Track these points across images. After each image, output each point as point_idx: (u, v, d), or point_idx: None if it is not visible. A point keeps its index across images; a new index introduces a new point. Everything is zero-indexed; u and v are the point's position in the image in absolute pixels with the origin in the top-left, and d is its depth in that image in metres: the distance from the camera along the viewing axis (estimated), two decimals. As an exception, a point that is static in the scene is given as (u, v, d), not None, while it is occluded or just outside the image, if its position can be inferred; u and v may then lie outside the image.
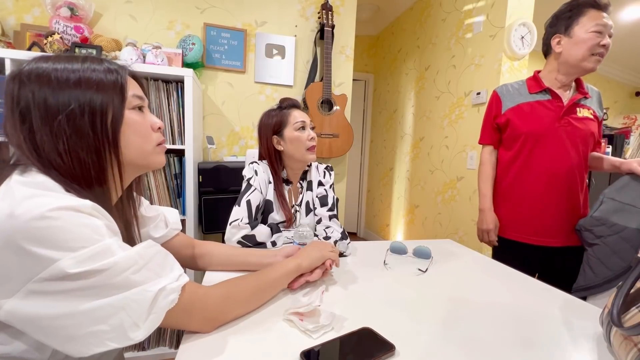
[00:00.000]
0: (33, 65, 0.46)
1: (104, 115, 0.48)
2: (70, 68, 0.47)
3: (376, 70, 3.67)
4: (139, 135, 0.53)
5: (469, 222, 2.12)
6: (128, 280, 0.42)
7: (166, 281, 0.46)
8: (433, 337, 0.54)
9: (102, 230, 0.42)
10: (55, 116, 0.45)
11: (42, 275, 0.37)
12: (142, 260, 0.44)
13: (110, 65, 0.51)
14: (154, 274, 0.45)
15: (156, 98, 1.48)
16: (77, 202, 0.42)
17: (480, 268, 0.92)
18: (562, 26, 1.11)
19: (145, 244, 0.47)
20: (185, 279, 0.50)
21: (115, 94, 0.49)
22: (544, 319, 0.62)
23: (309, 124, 1.05)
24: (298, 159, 1.04)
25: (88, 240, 0.40)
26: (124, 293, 0.41)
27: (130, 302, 0.41)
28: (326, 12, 1.98)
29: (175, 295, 0.46)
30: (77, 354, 0.39)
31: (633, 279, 0.48)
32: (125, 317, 0.40)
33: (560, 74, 1.16)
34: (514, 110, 1.21)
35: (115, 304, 0.40)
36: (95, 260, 0.39)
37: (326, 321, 0.54)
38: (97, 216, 0.43)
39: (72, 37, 1.53)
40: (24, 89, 0.45)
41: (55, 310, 0.38)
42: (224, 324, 0.55)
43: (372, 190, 3.73)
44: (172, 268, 0.49)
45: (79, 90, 0.46)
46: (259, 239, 0.90)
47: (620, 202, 1.02)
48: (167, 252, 0.50)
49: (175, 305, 0.46)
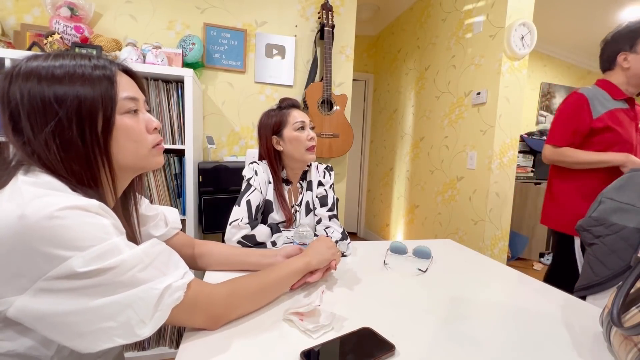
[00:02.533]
0: (23, 63, 0.46)
1: (94, 123, 0.47)
2: (58, 66, 0.46)
3: (376, 70, 3.67)
4: (133, 140, 0.52)
5: (469, 222, 2.12)
6: (135, 278, 0.42)
7: (172, 279, 0.46)
8: (433, 337, 0.54)
9: (110, 229, 0.43)
10: (44, 123, 0.44)
11: (51, 274, 0.38)
12: (147, 259, 0.45)
13: (99, 62, 0.49)
14: (159, 272, 0.46)
15: (156, 98, 1.48)
16: (84, 201, 0.42)
17: (480, 268, 0.92)
18: (625, 44, 1.24)
19: (151, 242, 0.47)
20: (190, 276, 0.50)
21: (105, 99, 0.48)
22: (544, 319, 0.62)
23: (308, 124, 1.05)
24: (297, 159, 1.04)
25: (96, 239, 0.41)
26: (131, 290, 0.42)
27: (137, 300, 0.42)
28: (326, 12, 1.98)
29: (181, 292, 0.47)
30: (85, 349, 0.40)
31: (633, 279, 0.48)
32: (132, 314, 0.41)
33: (631, 86, 1.27)
34: (609, 116, 1.25)
35: (123, 302, 0.41)
36: (103, 258, 0.40)
37: (326, 321, 0.54)
38: (104, 215, 0.44)
39: (72, 37, 1.53)
40: (13, 86, 0.44)
41: (65, 308, 0.38)
42: (228, 322, 0.55)
43: (372, 190, 3.73)
44: (177, 266, 0.50)
45: (67, 91, 0.45)
46: (259, 239, 0.90)
47: (619, 202, 1.02)
48: (172, 250, 0.51)
49: (180, 302, 0.46)
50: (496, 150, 1.94)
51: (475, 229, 2.06)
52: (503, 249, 2.06)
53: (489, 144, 1.97)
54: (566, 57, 3.78)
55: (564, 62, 3.83)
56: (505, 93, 1.92)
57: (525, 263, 2.99)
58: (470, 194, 2.11)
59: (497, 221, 2.01)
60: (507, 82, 1.91)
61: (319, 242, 0.75)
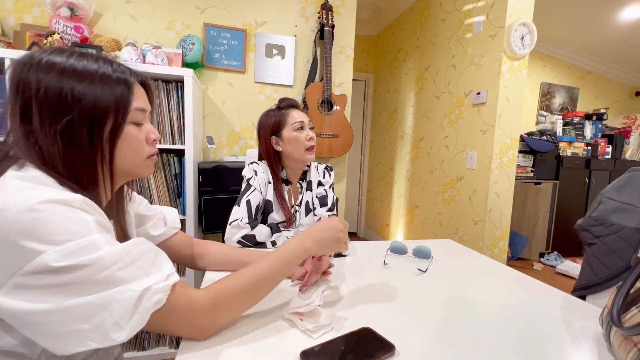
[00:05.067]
0: (45, 55, 0.46)
1: (103, 127, 0.48)
2: (82, 65, 0.46)
3: (376, 70, 3.67)
4: (132, 149, 0.52)
5: (469, 222, 2.12)
6: (112, 277, 0.40)
7: (153, 280, 0.43)
8: (433, 337, 0.54)
9: (91, 225, 0.41)
10: (56, 118, 0.44)
11: (26, 269, 0.36)
12: (128, 257, 0.42)
13: (120, 69, 0.50)
14: (141, 272, 0.43)
15: (156, 98, 1.48)
16: (67, 195, 0.41)
17: (480, 268, 0.92)
18: None
19: (135, 240, 0.45)
20: (174, 278, 0.46)
21: (120, 106, 0.49)
22: (544, 319, 0.62)
23: (307, 124, 1.05)
24: (297, 159, 1.04)
25: (74, 234, 0.39)
26: (107, 291, 0.39)
27: (112, 301, 0.39)
28: (326, 12, 1.98)
29: (161, 295, 0.43)
30: (59, 352, 0.39)
31: (633, 279, 0.48)
32: (107, 316, 0.39)
33: None
34: None
35: (97, 302, 0.39)
36: (79, 254, 0.38)
37: (326, 321, 0.54)
38: (88, 210, 0.42)
39: (72, 37, 1.53)
40: (32, 75, 0.44)
41: (38, 306, 0.37)
42: (220, 330, 0.52)
43: (372, 190, 3.73)
44: (162, 267, 0.46)
45: (85, 90, 0.46)
46: (259, 239, 0.90)
47: (619, 202, 1.02)
48: (160, 250, 0.48)
49: (162, 306, 0.43)
50: (496, 150, 1.94)
51: (475, 229, 2.06)
52: (503, 249, 2.06)
53: (489, 144, 1.97)
54: (566, 57, 3.78)
55: (564, 62, 3.83)
56: (505, 93, 1.92)
57: (525, 263, 2.99)
58: (470, 194, 2.11)
59: (497, 221, 2.01)
60: (507, 82, 1.91)
61: (321, 222, 0.64)
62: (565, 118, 3.43)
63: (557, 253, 3.08)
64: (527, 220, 3.00)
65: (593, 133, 3.45)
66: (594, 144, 3.39)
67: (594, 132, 3.45)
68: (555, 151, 3.12)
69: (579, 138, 3.36)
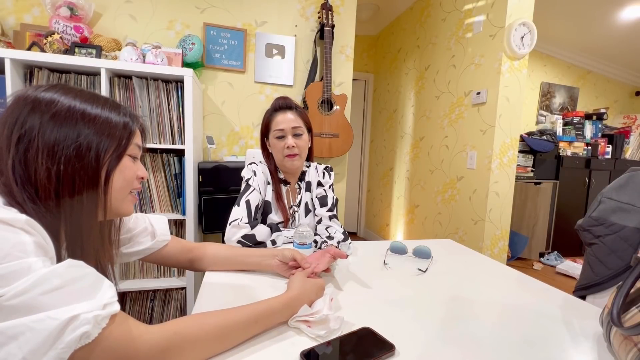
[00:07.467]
0: (51, 94, 0.46)
1: (99, 170, 0.48)
2: (87, 110, 0.47)
3: (376, 70, 3.67)
4: (123, 177, 0.52)
5: (469, 222, 2.12)
6: (33, 301, 0.33)
7: (84, 308, 0.35)
8: (433, 337, 0.54)
9: (28, 247, 0.36)
10: (53, 156, 0.44)
11: None
12: (57, 280, 0.35)
13: (125, 119, 0.52)
14: (71, 298, 0.35)
15: (156, 98, 1.48)
16: (8, 215, 0.37)
17: (480, 268, 0.92)
18: None
19: (70, 261, 0.38)
20: (113, 308, 0.38)
21: (117, 152, 0.50)
22: (544, 319, 0.62)
23: (290, 130, 1.02)
24: (278, 163, 1.06)
25: (7, 256, 0.34)
26: (22, 319, 0.32)
27: (25, 331, 0.32)
28: (326, 12, 1.98)
29: (89, 328, 0.35)
30: None
31: (633, 279, 0.48)
32: (14, 349, 0.32)
33: None
34: None
35: (6, 332, 0.32)
36: (7, 279, 0.33)
37: (336, 325, 0.53)
38: (29, 231, 0.38)
39: (71, 37, 1.53)
40: (33, 115, 0.44)
41: None
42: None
43: (372, 190, 3.73)
44: (100, 294, 0.38)
45: (86, 134, 0.46)
46: (258, 238, 0.90)
47: (619, 202, 1.02)
48: (100, 276, 0.40)
49: (90, 342, 0.35)
50: (496, 150, 1.94)
51: (475, 228, 2.06)
52: (503, 249, 2.06)
53: (489, 143, 1.97)
54: (566, 57, 3.78)
55: (564, 62, 3.83)
56: (505, 93, 1.92)
57: (525, 263, 2.99)
58: (470, 194, 2.11)
59: (497, 221, 2.01)
60: (507, 82, 1.91)
61: (308, 283, 0.63)
62: (565, 118, 3.43)
63: (557, 253, 3.08)
64: (527, 220, 3.00)
65: (593, 133, 3.45)
66: (594, 143, 3.39)
67: (594, 132, 3.45)
68: (555, 151, 3.12)
69: (579, 138, 3.36)
